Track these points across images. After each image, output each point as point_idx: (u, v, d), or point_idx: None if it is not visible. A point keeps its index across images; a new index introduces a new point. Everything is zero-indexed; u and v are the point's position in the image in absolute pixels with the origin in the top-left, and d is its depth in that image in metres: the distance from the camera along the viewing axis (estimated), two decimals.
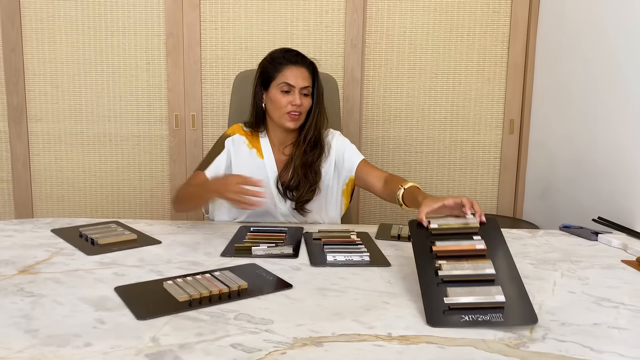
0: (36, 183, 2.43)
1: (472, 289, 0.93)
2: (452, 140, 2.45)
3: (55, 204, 2.44)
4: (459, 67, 2.40)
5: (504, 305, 0.91)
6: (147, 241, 1.34)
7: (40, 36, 2.34)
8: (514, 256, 1.05)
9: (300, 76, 1.53)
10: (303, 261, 1.22)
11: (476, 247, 1.02)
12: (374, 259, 1.23)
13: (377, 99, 2.41)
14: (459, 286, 0.94)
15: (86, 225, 1.46)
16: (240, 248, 1.27)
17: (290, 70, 1.53)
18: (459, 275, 0.96)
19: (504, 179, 2.47)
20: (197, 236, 1.41)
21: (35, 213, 2.44)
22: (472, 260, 1.00)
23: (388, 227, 1.53)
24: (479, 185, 2.48)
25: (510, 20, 2.37)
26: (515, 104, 2.42)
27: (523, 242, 1.43)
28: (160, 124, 2.40)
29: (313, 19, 2.34)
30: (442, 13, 2.37)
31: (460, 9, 2.36)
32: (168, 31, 2.33)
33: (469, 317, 0.89)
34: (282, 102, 1.52)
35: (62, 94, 2.37)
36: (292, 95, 1.52)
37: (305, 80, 1.53)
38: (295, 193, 1.57)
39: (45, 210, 2.44)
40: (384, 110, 2.42)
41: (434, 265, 1.00)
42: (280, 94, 1.53)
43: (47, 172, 2.42)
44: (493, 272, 0.97)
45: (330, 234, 1.41)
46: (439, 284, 0.96)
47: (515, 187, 2.47)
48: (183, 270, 1.13)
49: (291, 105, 1.51)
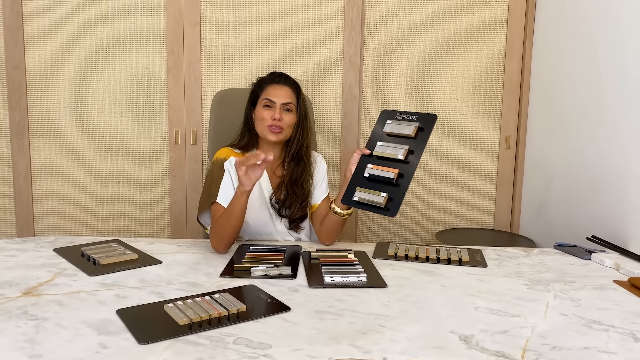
0: (37, 198, 2.45)
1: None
2: (449, 156, 2.48)
3: (56, 219, 2.46)
4: (455, 84, 2.44)
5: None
6: (148, 261, 1.36)
7: (42, 53, 2.37)
8: (508, 276, 1.09)
9: (282, 94, 1.61)
10: (301, 282, 1.24)
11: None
12: (371, 279, 1.25)
13: (375, 115, 2.44)
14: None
15: (88, 245, 1.48)
16: (240, 269, 1.29)
17: (273, 88, 1.62)
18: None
19: (501, 194, 2.50)
20: (196, 255, 1.43)
21: (36, 228, 2.46)
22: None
23: (385, 246, 1.55)
24: (476, 200, 2.51)
25: (506, 38, 2.40)
26: (511, 120, 2.45)
27: (518, 261, 1.45)
28: (160, 140, 2.43)
29: (312, 36, 2.38)
30: (439, 31, 2.40)
31: (457, 28, 2.40)
32: (169, 48, 2.36)
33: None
34: (263, 115, 1.60)
35: (63, 110, 2.41)
36: (273, 110, 1.59)
37: (287, 97, 1.61)
38: (288, 211, 1.60)
39: (47, 225, 2.46)
40: None
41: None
42: (263, 109, 1.61)
43: (48, 188, 2.45)
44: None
45: (328, 254, 1.43)
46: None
47: (511, 202, 2.50)
48: (183, 292, 1.16)
49: (271, 119, 1.58)
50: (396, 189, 1.39)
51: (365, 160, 1.48)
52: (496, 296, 1.18)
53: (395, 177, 1.40)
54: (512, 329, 1.01)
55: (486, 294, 1.19)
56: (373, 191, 1.42)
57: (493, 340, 0.96)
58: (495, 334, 0.98)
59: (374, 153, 1.47)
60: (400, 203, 1.37)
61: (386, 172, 1.42)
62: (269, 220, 1.61)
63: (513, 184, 2.49)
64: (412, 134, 1.43)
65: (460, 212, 2.52)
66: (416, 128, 1.43)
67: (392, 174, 1.40)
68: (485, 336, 0.97)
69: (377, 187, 1.42)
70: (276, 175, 1.65)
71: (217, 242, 1.45)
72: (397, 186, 1.39)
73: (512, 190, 2.49)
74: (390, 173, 1.41)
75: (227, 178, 1.57)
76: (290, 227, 1.62)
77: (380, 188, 1.41)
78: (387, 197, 1.39)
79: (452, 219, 2.52)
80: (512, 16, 2.39)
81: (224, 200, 1.53)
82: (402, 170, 1.41)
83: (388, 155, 1.44)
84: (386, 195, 1.39)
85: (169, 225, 2.47)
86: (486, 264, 1.41)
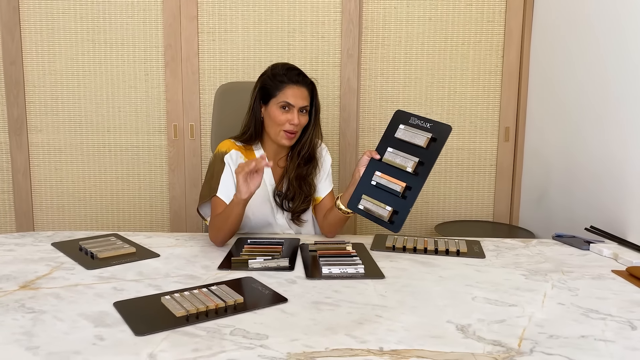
0: (36, 194, 2.45)
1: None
2: (448, 148, 2.47)
3: (55, 215, 2.46)
4: (454, 76, 2.43)
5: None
6: (146, 254, 1.37)
7: (39, 49, 2.37)
8: (506, 266, 1.13)
9: (301, 96, 1.55)
10: (299, 274, 1.24)
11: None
12: (369, 270, 1.25)
13: (373, 108, 2.43)
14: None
15: (86, 239, 1.49)
16: (237, 261, 1.29)
17: (292, 89, 1.55)
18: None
19: (500, 186, 2.50)
20: (195, 249, 1.43)
21: (35, 223, 2.47)
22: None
23: (383, 238, 1.55)
24: (475, 192, 2.51)
25: (505, 29, 2.39)
26: (510, 111, 2.44)
27: (516, 252, 1.45)
28: (159, 134, 2.43)
29: (309, 30, 2.37)
30: (437, 23, 2.39)
31: (455, 19, 2.39)
32: (166, 42, 2.36)
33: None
34: (280, 119, 1.54)
35: (61, 105, 2.40)
36: (291, 114, 1.54)
37: (305, 100, 1.56)
38: (291, 204, 1.60)
39: (46, 221, 2.47)
40: (381, 119, 2.44)
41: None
42: (280, 111, 1.55)
43: (47, 183, 2.45)
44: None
45: (326, 246, 1.43)
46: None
47: (511, 194, 2.50)
48: (181, 284, 1.16)
49: (289, 124, 1.54)
50: (402, 201, 1.37)
51: (374, 164, 1.45)
52: (494, 286, 1.18)
53: (401, 190, 1.38)
54: (509, 319, 1.01)
55: (484, 284, 1.19)
56: (379, 202, 1.40)
57: (490, 329, 0.96)
58: (492, 324, 0.98)
59: (383, 159, 1.44)
60: (404, 218, 1.36)
61: (393, 184, 1.40)
62: (270, 214, 1.61)
63: (512, 175, 2.48)
64: (424, 145, 1.40)
65: (459, 204, 2.52)
66: (428, 139, 1.40)
67: (398, 187, 1.39)
68: (482, 325, 0.97)
69: (383, 198, 1.40)
70: (279, 166, 1.64)
71: (214, 236, 1.46)
72: (404, 198, 1.38)
73: (511, 182, 2.49)
74: (397, 186, 1.39)
75: (227, 172, 1.56)
76: (292, 219, 1.61)
77: (386, 199, 1.39)
78: (391, 212, 1.38)
79: (452, 211, 2.52)
80: (510, 7, 2.38)
81: (224, 194, 1.53)
82: (410, 182, 1.38)
83: (397, 165, 1.42)
84: (391, 210, 1.38)
85: (168, 220, 2.47)
86: (484, 255, 1.41)
